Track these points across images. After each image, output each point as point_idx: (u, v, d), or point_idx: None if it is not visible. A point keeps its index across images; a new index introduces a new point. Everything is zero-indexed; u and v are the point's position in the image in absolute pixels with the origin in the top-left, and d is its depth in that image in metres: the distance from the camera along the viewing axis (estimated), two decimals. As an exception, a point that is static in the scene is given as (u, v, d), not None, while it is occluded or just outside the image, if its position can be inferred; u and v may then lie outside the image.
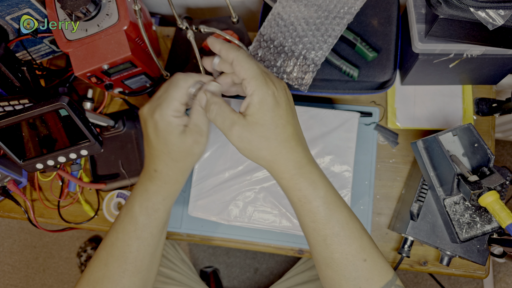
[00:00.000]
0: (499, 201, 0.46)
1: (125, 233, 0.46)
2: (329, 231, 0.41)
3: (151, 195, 0.45)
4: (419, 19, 0.54)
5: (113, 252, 0.45)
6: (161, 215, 0.46)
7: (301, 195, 0.41)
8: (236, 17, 0.65)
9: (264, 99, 0.39)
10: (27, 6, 0.56)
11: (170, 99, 0.41)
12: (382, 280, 0.41)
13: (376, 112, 0.66)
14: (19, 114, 0.48)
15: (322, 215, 0.41)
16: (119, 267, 0.45)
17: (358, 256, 0.41)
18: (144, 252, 0.46)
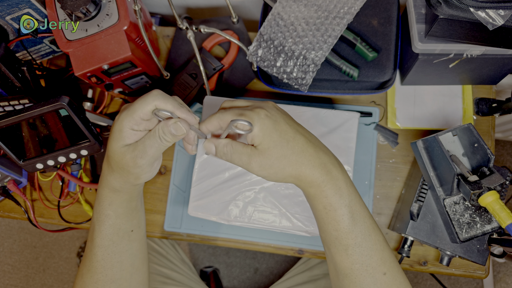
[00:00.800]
0: (499, 201, 0.46)
1: (90, 241, 0.45)
2: (352, 241, 0.40)
3: (100, 200, 0.45)
4: (419, 19, 0.54)
5: (85, 263, 0.46)
6: (115, 221, 0.44)
7: (327, 202, 0.40)
8: (236, 17, 0.65)
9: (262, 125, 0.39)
10: (27, 6, 0.56)
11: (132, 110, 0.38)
12: None
13: (376, 112, 0.66)
14: (19, 114, 0.48)
15: (346, 224, 0.39)
16: (91, 277, 0.45)
17: (378, 268, 0.40)
18: (111, 261, 0.45)
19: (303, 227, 0.53)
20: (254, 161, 0.39)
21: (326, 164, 0.40)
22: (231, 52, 0.67)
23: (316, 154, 0.40)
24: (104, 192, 0.44)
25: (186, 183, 0.66)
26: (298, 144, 0.39)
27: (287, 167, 0.39)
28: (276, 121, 0.39)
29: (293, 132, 0.40)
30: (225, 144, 0.41)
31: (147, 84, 0.66)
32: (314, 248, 0.63)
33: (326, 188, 0.39)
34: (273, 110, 0.41)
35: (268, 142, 0.39)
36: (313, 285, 0.81)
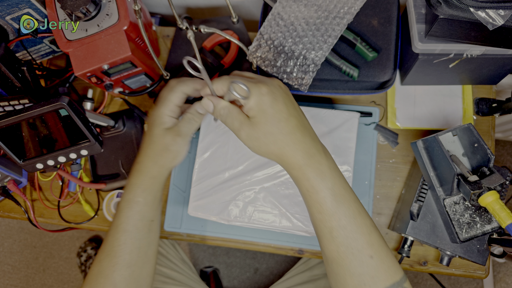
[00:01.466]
0: (499, 201, 0.46)
1: (114, 228, 0.49)
2: (335, 223, 0.41)
3: (131, 187, 0.49)
4: (419, 19, 0.54)
5: (105, 248, 0.48)
6: (143, 208, 0.48)
7: (309, 185, 0.41)
8: (236, 17, 0.65)
9: (260, 100, 0.41)
10: (27, 6, 0.56)
11: (168, 100, 0.47)
12: (388, 280, 0.41)
13: (376, 112, 0.66)
14: (19, 114, 0.48)
15: (329, 206, 0.41)
16: (109, 261, 0.47)
17: (364, 251, 0.41)
18: (131, 246, 0.48)
19: (303, 227, 0.53)
20: (244, 130, 0.42)
21: (310, 149, 0.42)
22: (231, 52, 0.67)
23: (303, 138, 0.42)
24: (139, 180, 0.49)
25: (186, 183, 0.66)
26: (288, 125, 0.41)
27: (271, 144, 0.42)
28: (275, 99, 0.41)
29: (287, 113, 0.42)
30: (224, 106, 0.44)
31: (147, 84, 0.66)
32: (314, 248, 0.63)
33: (307, 171, 0.41)
34: (275, 88, 0.43)
35: (261, 117, 0.41)
36: (313, 285, 0.81)
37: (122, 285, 0.47)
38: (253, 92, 0.41)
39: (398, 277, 0.41)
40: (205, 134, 0.56)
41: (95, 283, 0.47)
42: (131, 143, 0.68)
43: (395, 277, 0.41)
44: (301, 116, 0.44)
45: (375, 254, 0.41)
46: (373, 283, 0.40)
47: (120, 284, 0.47)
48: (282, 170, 0.54)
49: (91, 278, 0.48)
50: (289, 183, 0.54)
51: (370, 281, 0.40)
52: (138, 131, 0.68)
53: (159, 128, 0.48)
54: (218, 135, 0.56)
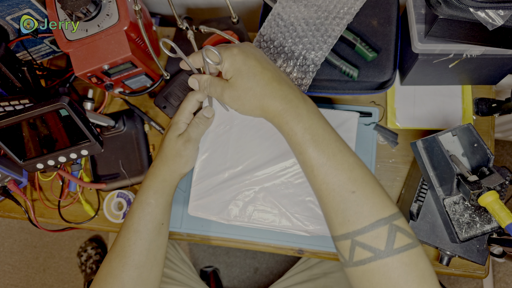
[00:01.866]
0: (498, 201, 0.46)
1: (125, 228, 0.50)
2: (315, 162, 0.42)
3: (145, 189, 0.51)
4: (419, 19, 0.54)
5: (115, 249, 0.50)
6: (154, 210, 0.50)
7: (288, 128, 0.43)
8: (236, 17, 0.65)
9: (233, 60, 0.44)
10: (27, 6, 0.56)
11: (183, 108, 0.52)
12: (373, 216, 0.40)
13: (375, 112, 0.66)
14: (19, 114, 0.48)
15: (308, 145, 0.42)
16: (119, 261, 0.48)
17: (345, 187, 0.41)
18: (141, 247, 0.49)
19: (303, 227, 0.54)
20: (226, 93, 0.46)
21: (287, 95, 0.44)
22: (231, 52, 0.67)
23: (279, 87, 0.44)
24: (152, 182, 0.51)
25: (186, 183, 0.66)
26: (264, 77, 0.44)
27: (252, 99, 0.44)
28: (246, 56, 0.44)
29: (261, 67, 0.44)
30: (206, 79, 0.48)
31: (148, 84, 0.66)
32: (314, 248, 0.63)
33: (286, 115, 0.43)
34: (246, 47, 0.45)
35: (237, 75, 0.44)
36: (313, 284, 0.81)
37: (130, 286, 0.48)
38: (224, 55, 0.44)
39: (387, 213, 0.40)
40: (205, 134, 0.56)
41: (104, 283, 0.48)
42: (131, 143, 0.68)
43: (383, 214, 0.40)
44: (275, 69, 0.46)
45: (358, 190, 0.41)
46: (357, 219, 0.40)
47: (128, 285, 0.48)
48: (282, 170, 0.54)
49: (100, 278, 0.49)
50: (289, 183, 0.54)
51: (354, 216, 0.40)
52: (138, 131, 0.68)
53: (173, 134, 0.51)
54: (218, 135, 0.56)
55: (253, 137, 0.56)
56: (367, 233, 0.40)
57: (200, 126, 0.53)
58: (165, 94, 0.66)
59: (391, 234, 0.39)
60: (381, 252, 0.39)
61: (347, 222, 0.41)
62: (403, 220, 0.41)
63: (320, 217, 0.53)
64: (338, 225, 0.42)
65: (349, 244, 0.41)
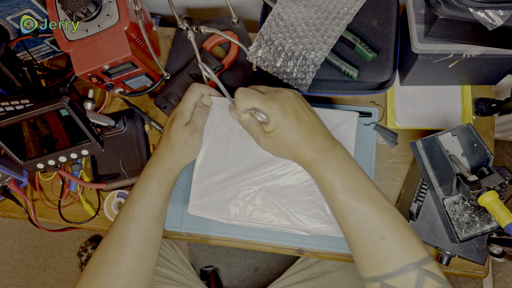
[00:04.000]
0: (498, 201, 0.46)
1: (124, 216, 0.49)
2: (345, 208, 0.44)
3: (147, 177, 0.51)
4: (419, 19, 0.54)
5: (113, 237, 0.49)
6: (156, 198, 0.50)
7: (318, 175, 0.46)
8: (236, 17, 0.65)
9: (274, 119, 0.47)
10: (27, 6, 0.56)
11: (188, 98, 0.53)
12: (403, 260, 0.41)
13: (375, 112, 0.66)
14: (20, 114, 0.48)
15: (337, 192, 0.44)
16: (117, 250, 0.48)
17: (374, 233, 0.42)
18: (140, 235, 0.49)
19: (303, 226, 0.54)
20: (261, 140, 0.49)
21: (317, 147, 0.46)
22: (231, 52, 0.67)
23: (312, 139, 0.47)
24: (156, 170, 0.51)
25: (186, 183, 0.66)
26: (299, 132, 0.47)
27: (286, 149, 0.48)
28: (285, 113, 0.47)
29: (297, 122, 0.47)
30: (245, 119, 0.51)
31: (148, 84, 0.66)
32: (313, 248, 0.63)
33: (315, 164, 0.46)
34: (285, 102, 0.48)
35: (275, 131, 0.47)
36: (311, 283, 0.81)
37: (127, 275, 0.47)
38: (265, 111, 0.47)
39: (416, 258, 0.41)
40: (206, 134, 0.56)
41: (99, 271, 0.47)
42: (132, 143, 0.68)
43: (412, 258, 0.41)
44: (311, 119, 0.48)
45: (387, 236, 0.42)
46: (386, 263, 0.41)
47: (125, 274, 0.47)
48: (282, 170, 0.54)
49: (94, 267, 0.47)
50: (288, 183, 0.54)
51: (383, 261, 0.42)
52: (139, 131, 0.69)
53: (179, 123, 0.52)
54: (218, 134, 0.56)
55: (253, 137, 0.56)
56: (396, 277, 0.41)
57: (203, 114, 0.54)
58: (165, 94, 0.66)
59: (420, 278, 0.40)
60: None
61: (377, 266, 0.42)
62: (434, 264, 0.42)
63: (320, 217, 0.53)
64: (368, 268, 0.43)
65: (378, 286, 0.42)
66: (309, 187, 0.54)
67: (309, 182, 0.54)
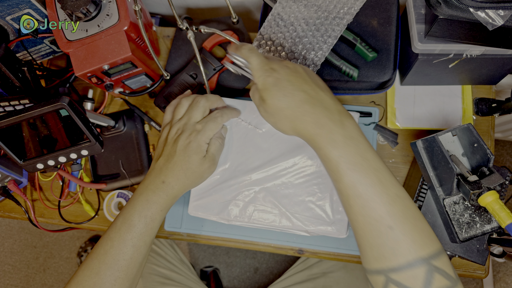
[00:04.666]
0: (498, 201, 0.46)
1: (121, 241, 0.46)
2: (351, 192, 0.40)
3: (151, 205, 0.48)
4: (419, 19, 0.54)
5: (106, 260, 0.46)
6: (156, 225, 0.49)
7: (323, 153, 0.42)
8: (236, 17, 0.65)
9: (266, 82, 0.44)
10: (27, 6, 0.56)
11: (209, 131, 0.50)
12: (411, 254, 0.37)
13: (375, 112, 0.66)
14: (19, 114, 0.48)
15: (343, 174, 0.40)
16: (111, 275, 0.45)
17: (382, 221, 0.38)
18: (136, 261, 0.47)
19: (303, 227, 0.54)
20: (260, 109, 0.47)
21: (320, 119, 0.42)
22: (231, 52, 0.67)
23: (312, 110, 0.42)
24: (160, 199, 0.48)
25: (186, 183, 0.66)
26: (294, 99, 0.43)
27: (283, 119, 0.44)
28: (278, 78, 0.44)
29: (292, 89, 0.43)
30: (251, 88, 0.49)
31: (148, 84, 0.66)
32: (314, 248, 0.63)
33: (319, 140, 0.41)
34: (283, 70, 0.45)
35: (268, 97, 0.44)
36: (312, 283, 0.81)
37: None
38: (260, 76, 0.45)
39: (426, 252, 0.38)
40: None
41: None
42: (132, 143, 0.68)
43: (421, 253, 0.38)
44: (314, 90, 0.44)
45: (396, 226, 0.38)
46: (393, 256, 0.38)
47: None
48: (282, 170, 0.54)
49: None
50: (289, 183, 0.54)
51: (390, 253, 0.38)
52: (139, 131, 0.68)
53: (199, 156, 0.49)
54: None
55: (253, 137, 0.56)
56: (402, 272, 0.37)
57: (221, 147, 0.53)
58: (165, 94, 0.66)
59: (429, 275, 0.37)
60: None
61: (382, 258, 0.39)
62: (445, 259, 0.39)
63: (320, 217, 0.53)
64: (373, 259, 0.40)
65: (382, 280, 0.39)
66: (309, 187, 0.54)
67: (310, 183, 0.54)
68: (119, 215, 0.49)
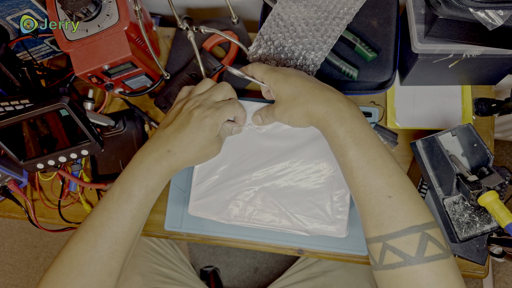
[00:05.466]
0: (498, 201, 0.46)
1: (120, 213, 0.45)
2: (355, 164, 0.43)
3: (153, 175, 0.46)
4: (419, 19, 0.54)
5: (103, 233, 0.44)
6: (156, 196, 0.48)
7: (331, 130, 0.45)
8: (236, 17, 0.65)
9: (276, 80, 0.48)
10: (27, 6, 0.56)
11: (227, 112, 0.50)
12: (407, 222, 0.40)
13: (375, 112, 0.66)
14: (20, 114, 0.48)
15: (349, 148, 0.44)
16: (109, 248, 0.44)
17: (382, 191, 0.42)
18: (133, 233, 0.46)
19: (303, 226, 0.54)
20: (276, 110, 0.50)
21: (330, 99, 0.46)
22: (231, 52, 0.67)
23: (322, 92, 0.47)
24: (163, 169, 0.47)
25: (186, 183, 0.66)
26: (305, 88, 0.47)
27: (297, 107, 0.47)
28: (287, 75, 0.48)
29: (302, 80, 0.48)
30: (263, 109, 0.54)
31: (148, 84, 0.66)
32: (313, 248, 0.63)
33: (329, 117, 0.45)
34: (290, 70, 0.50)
35: (281, 92, 0.48)
36: (312, 282, 0.81)
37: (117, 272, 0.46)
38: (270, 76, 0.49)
39: (420, 221, 0.41)
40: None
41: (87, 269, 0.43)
42: (132, 143, 0.68)
43: (416, 221, 0.41)
44: (318, 81, 0.49)
45: (394, 195, 0.42)
46: (390, 223, 0.41)
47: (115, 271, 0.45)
48: (282, 170, 0.54)
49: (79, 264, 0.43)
50: (288, 183, 0.54)
51: (388, 220, 0.41)
52: (139, 131, 0.68)
53: (212, 134, 0.49)
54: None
55: (253, 137, 0.56)
56: (398, 238, 0.40)
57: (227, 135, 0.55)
58: (165, 94, 0.66)
59: (423, 241, 0.40)
60: (411, 258, 0.39)
61: (381, 225, 0.42)
62: (437, 230, 0.42)
63: (320, 217, 0.53)
64: (372, 227, 0.43)
65: (380, 247, 0.42)
66: (309, 187, 0.54)
67: (310, 183, 0.54)
68: (115, 185, 0.46)
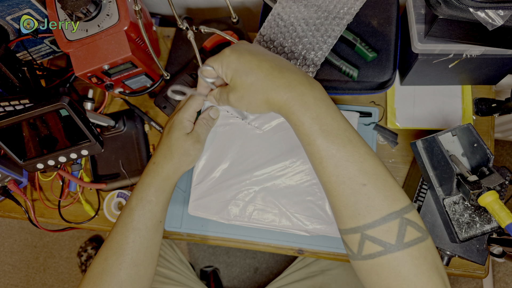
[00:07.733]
0: (498, 201, 0.46)
1: (123, 226, 0.49)
2: (324, 153, 0.40)
3: (145, 187, 0.50)
4: (419, 19, 0.54)
5: (112, 246, 0.48)
6: (154, 208, 0.50)
7: (295, 118, 0.41)
8: (236, 17, 0.65)
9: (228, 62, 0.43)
10: (27, 6, 0.56)
11: (188, 106, 0.51)
12: (385, 209, 0.38)
13: (375, 112, 0.66)
14: (19, 114, 0.48)
15: (316, 136, 0.40)
16: (117, 259, 0.47)
17: (355, 179, 0.39)
18: (140, 244, 0.49)
19: (303, 226, 0.54)
20: (231, 96, 0.45)
21: (291, 82, 0.41)
22: (231, 52, 0.67)
23: (281, 75, 0.42)
24: (153, 180, 0.50)
25: (186, 183, 0.66)
26: (262, 70, 0.42)
27: (256, 94, 0.42)
28: (240, 54, 0.43)
29: (257, 60, 0.42)
30: (216, 92, 0.49)
31: (148, 84, 0.66)
32: (313, 248, 0.63)
33: (291, 104, 0.41)
34: (239, 45, 0.44)
35: (235, 75, 0.43)
36: (310, 281, 0.81)
37: (127, 284, 0.47)
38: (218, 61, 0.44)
39: (398, 207, 0.39)
40: (205, 134, 0.56)
41: (100, 281, 0.47)
42: (132, 143, 0.68)
43: (394, 207, 0.39)
44: (275, 58, 0.44)
45: (369, 182, 0.39)
46: (367, 212, 0.39)
47: (126, 283, 0.47)
48: (282, 170, 0.54)
49: (94, 276, 0.48)
50: (288, 183, 0.54)
51: (365, 210, 0.39)
52: (139, 131, 0.68)
53: (180, 132, 0.50)
54: (219, 134, 0.56)
55: (253, 137, 0.56)
56: (377, 227, 0.38)
57: (208, 126, 0.53)
58: (165, 94, 0.66)
59: (402, 228, 0.38)
60: (391, 246, 0.38)
61: (357, 215, 0.39)
62: (414, 212, 0.40)
63: (320, 217, 0.53)
64: (348, 218, 0.40)
65: (358, 237, 0.40)
66: (309, 187, 0.54)
67: (310, 183, 0.54)
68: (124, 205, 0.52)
